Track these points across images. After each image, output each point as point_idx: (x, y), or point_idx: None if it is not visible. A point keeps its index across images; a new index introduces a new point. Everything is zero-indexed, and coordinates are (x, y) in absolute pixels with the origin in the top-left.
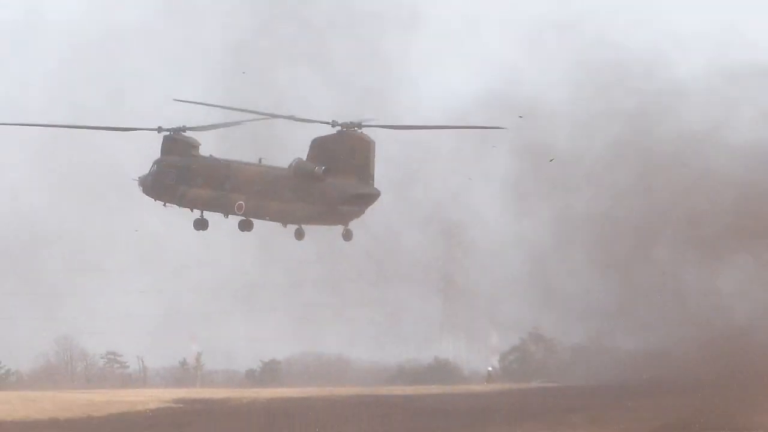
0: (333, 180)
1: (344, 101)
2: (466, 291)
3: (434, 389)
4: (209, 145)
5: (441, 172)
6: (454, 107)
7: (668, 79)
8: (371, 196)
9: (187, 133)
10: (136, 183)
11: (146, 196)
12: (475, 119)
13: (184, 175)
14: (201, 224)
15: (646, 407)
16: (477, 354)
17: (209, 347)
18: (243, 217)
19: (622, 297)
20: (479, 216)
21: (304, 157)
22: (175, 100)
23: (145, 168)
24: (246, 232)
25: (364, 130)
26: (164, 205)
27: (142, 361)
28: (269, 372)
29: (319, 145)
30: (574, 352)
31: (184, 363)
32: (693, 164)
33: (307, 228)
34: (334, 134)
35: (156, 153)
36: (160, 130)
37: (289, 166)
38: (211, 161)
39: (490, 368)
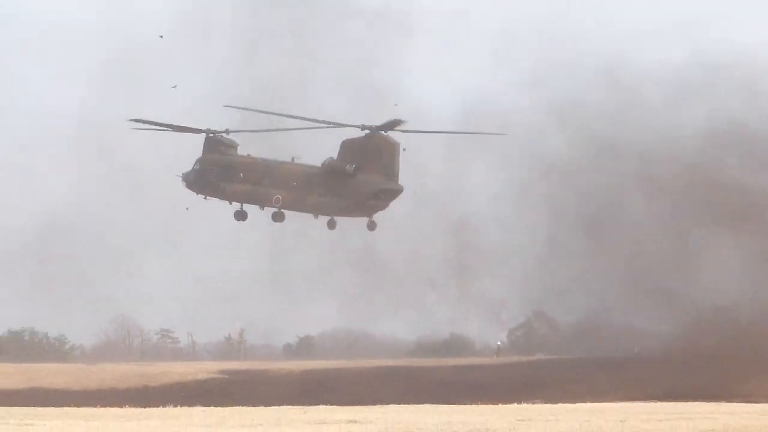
0: (362, 177)
1: (345, 103)
2: (478, 275)
3: (450, 361)
4: (246, 146)
5: (451, 169)
6: (451, 111)
7: (640, 78)
8: (396, 191)
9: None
10: (180, 179)
11: (189, 191)
12: (464, 122)
13: (225, 172)
14: (241, 215)
15: (638, 378)
16: (488, 330)
17: (251, 325)
18: (276, 210)
19: (616, 281)
20: (488, 210)
21: (335, 157)
22: (226, 106)
23: (179, 165)
24: (278, 223)
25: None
26: (205, 198)
27: (192, 337)
28: (304, 346)
29: (348, 146)
30: (573, 328)
31: (228, 338)
32: (670, 156)
33: (336, 219)
34: (362, 137)
35: (189, 152)
36: (208, 131)
37: (323, 164)
38: (250, 160)
39: (499, 343)
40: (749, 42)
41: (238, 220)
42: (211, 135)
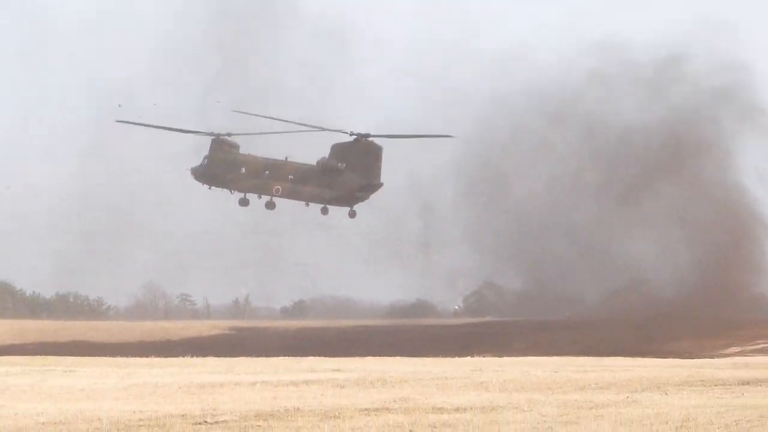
0: (351, 173)
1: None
2: (440, 251)
3: (416, 322)
4: (246, 146)
5: (416, 165)
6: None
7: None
8: (377, 186)
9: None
10: (189, 172)
11: (197, 182)
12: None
13: (231, 167)
14: (244, 202)
15: (570, 337)
16: (447, 296)
17: (255, 290)
18: (269, 199)
19: (551, 256)
20: (448, 198)
21: (326, 156)
22: (234, 111)
23: (186, 161)
24: (271, 210)
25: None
26: (209, 188)
27: (207, 300)
28: (298, 309)
29: (338, 148)
30: (517, 295)
31: (236, 301)
32: (594, 139)
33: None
34: (351, 141)
35: (189, 151)
36: (212, 134)
37: (317, 163)
38: (252, 158)
39: (456, 307)
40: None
41: (242, 206)
42: (216, 137)
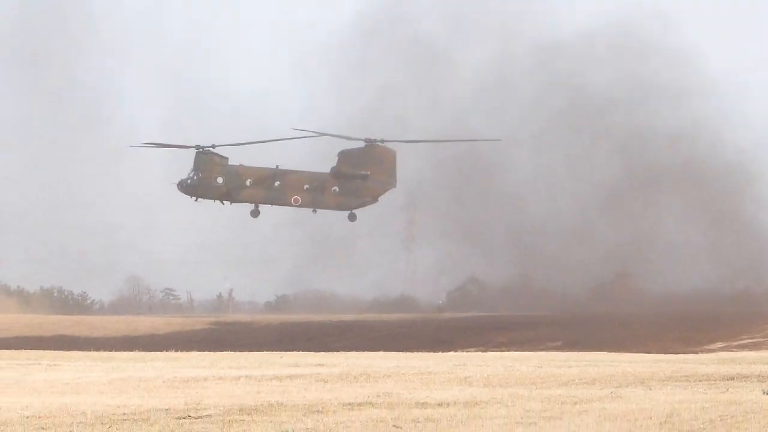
0: (373, 179)
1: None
2: (424, 246)
3: (399, 317)
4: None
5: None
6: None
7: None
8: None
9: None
10: (175, 186)
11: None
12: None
13: (234, 180)
14: (255, 213)
15: (552, 332)
16: (431, 291)
17: (239, 285)
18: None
19: (534, 252)
20: (433, 191)
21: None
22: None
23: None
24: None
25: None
26: (195, 200)
27: (190, 295)
28: (281, 303)
29: (348, 155)
30: (500, 291)
31: (220, 296)
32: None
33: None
34: (363, 147)
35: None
36: (197, 147)
37: (332, 170)
38: (257, 168)
39: (440, 302)
40: None
41: (254, 217)
42: (201, 149)
